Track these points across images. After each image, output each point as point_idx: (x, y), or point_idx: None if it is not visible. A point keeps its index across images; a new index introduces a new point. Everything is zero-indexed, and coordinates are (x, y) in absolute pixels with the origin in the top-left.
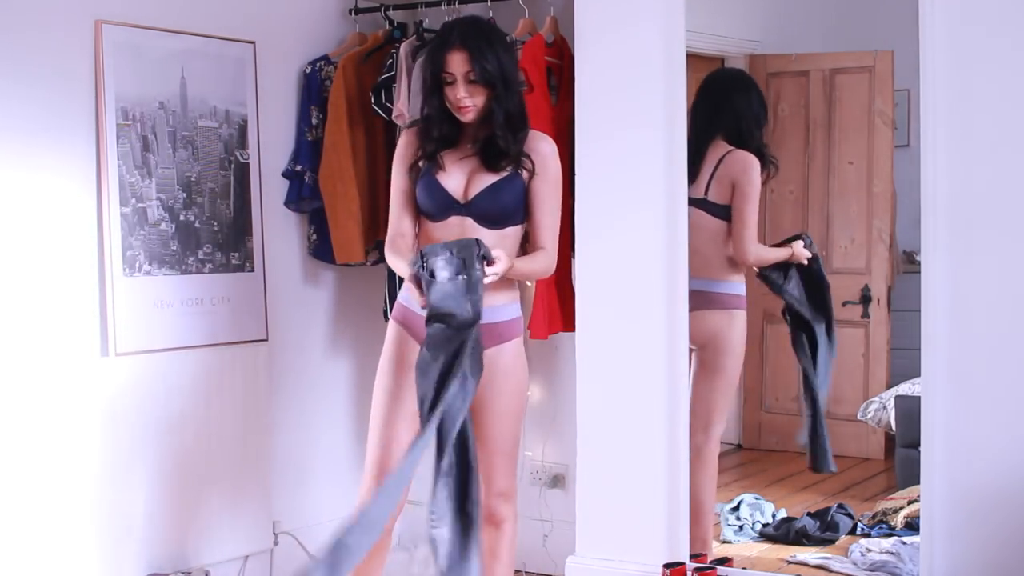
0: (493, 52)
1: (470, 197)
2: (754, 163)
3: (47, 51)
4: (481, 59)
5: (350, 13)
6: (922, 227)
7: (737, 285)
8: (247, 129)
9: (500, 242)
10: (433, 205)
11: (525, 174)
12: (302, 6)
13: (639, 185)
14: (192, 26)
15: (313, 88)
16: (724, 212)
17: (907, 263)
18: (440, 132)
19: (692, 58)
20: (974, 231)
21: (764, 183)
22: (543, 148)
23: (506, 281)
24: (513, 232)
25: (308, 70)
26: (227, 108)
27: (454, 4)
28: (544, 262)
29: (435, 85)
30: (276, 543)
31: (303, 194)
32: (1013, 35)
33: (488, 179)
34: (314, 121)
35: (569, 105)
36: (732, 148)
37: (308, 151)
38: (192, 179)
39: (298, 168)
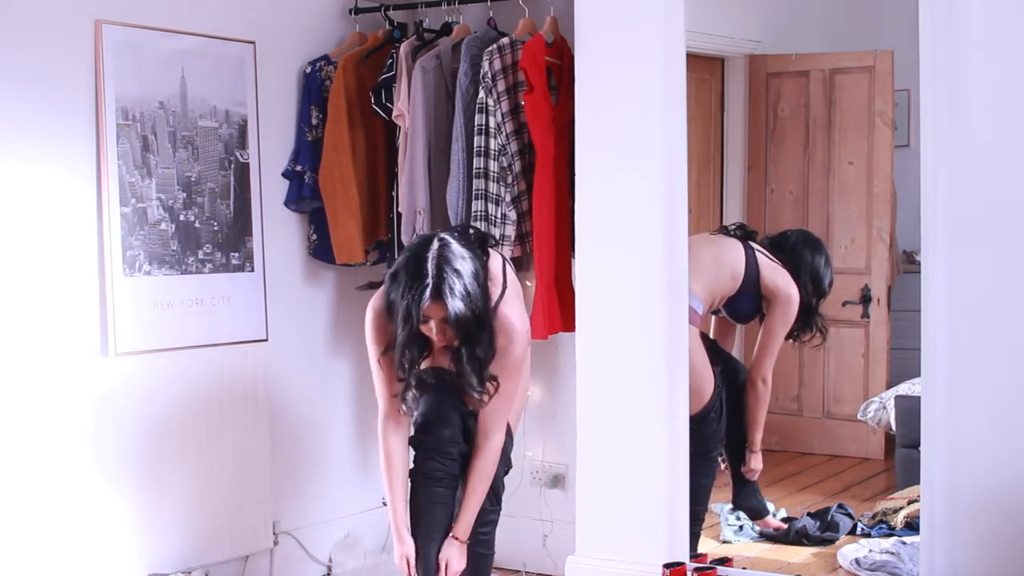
0: (466, 294)
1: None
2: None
3: (47, 51)
4: (453, 307)
5: (350, 13)
6: (922, 227)
7: None
8: (247, 129)
9: None
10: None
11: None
12: (302, 6)
13: (639, 185)
14: (192, 26)
15: (313, 88)
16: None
17: (907, 263)
18: (411, 358)
19: (692, 58)
20: (974, 231)
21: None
22: (503, 341)
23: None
24: None
25: (308, 70)
26: (227, 108)
27: (454, 4)
28: (488, 464)
29: (412, 329)
30: (276, 543)
31: (303, 194)
32: (1013, 35)
33: None
34: (314, 121)
35: (569, 105)
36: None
37: (308, 151)
38: (192, 179)
39: (298, 168)
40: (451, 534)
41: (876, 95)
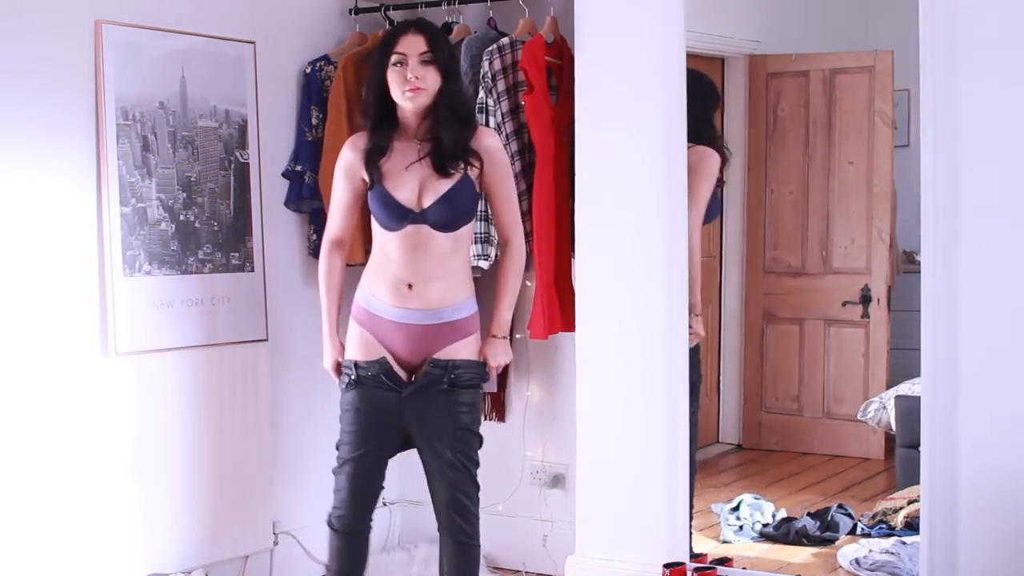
0: (447, 42)
1: (425, 206)
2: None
3: (47, 51)
4: (437, 43)
5: (350, 13)
6: (922, 227)
7: None
8: (247, 129)
9: (455, 242)
10: (388, 217)
11: (474, 171)
12: (302, 6)
13: (639, 185)
14: (192, 26)
15: (313, 88)
16: None
17: (907, 263)
18: (378, 123)
19: (692, 58)
20: (974, 231)
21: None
22: (488, 142)
23: (463, 278)
24: (467, 230)
25: (308, 70)
26: (227, 108)
27: (454, 4)
28: (515, 265)
29: (382, 68)
30: (276, 543)
31: (303, 194)
32: (1013, 35)
33: (440, 186)
34: (314, 121)
35: (569, 105)
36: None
37: (308, 151)
38: (192, 179)
39: (298, 168)
40: (490, 334)
41: (876, 95)
